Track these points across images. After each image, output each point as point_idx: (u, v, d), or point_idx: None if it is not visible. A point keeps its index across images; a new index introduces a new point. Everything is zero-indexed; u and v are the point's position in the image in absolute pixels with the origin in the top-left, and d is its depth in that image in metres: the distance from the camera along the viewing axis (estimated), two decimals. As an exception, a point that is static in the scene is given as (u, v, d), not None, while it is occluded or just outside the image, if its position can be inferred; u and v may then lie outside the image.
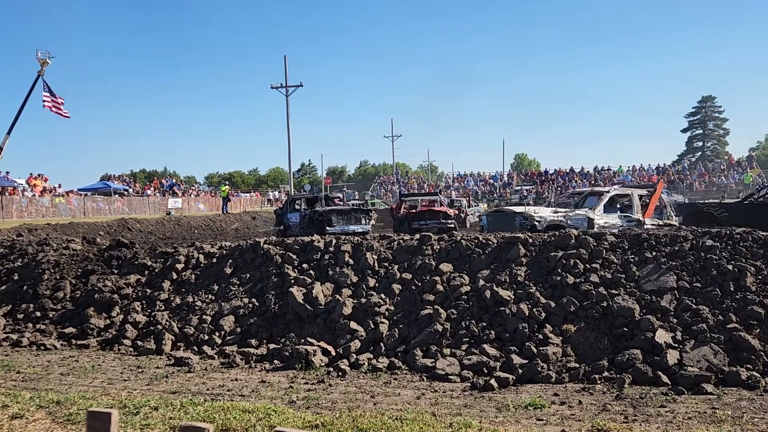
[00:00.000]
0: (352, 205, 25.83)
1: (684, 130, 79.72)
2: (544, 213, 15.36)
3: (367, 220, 20.13)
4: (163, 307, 9.21)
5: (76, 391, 6.28)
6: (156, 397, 6.02)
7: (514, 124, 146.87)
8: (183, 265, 10.10)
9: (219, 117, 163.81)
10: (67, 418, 5.14)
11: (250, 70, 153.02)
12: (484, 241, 9.12)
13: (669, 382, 6.13)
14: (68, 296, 9.83)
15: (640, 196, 15.67)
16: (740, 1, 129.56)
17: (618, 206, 16.00)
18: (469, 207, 29.97)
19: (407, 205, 23.94)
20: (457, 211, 23.15)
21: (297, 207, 22.57)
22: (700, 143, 78.29)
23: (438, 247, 9.23)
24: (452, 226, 19.77)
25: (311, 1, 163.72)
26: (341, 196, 33.67)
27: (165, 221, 29.21)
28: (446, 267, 8.66)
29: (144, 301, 9.44)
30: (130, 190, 43.31)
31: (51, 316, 9.44)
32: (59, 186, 36.01)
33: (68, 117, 21.82)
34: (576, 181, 48.61)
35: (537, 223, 14.07)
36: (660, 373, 6.24)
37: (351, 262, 9.22)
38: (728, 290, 7.35)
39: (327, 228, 18.45)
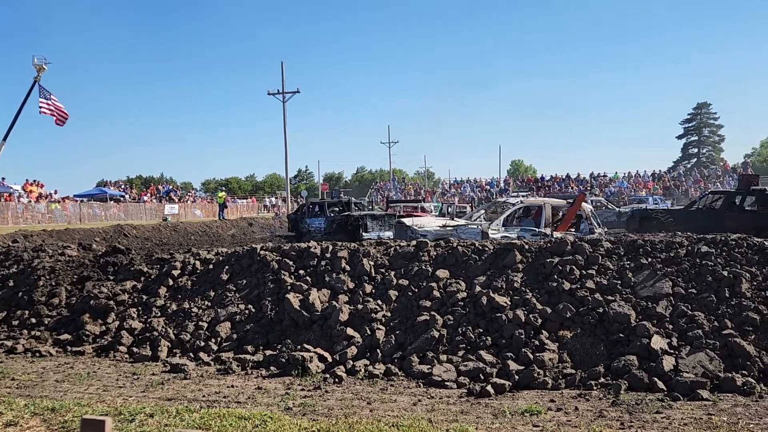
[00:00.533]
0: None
1: (679, 137, 79.97)
2: (431, 226, 15.15)
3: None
4: (159, 314, 9.19)
5: (71, 398, 6.27)
6: (152, 404, 6.01)
7: (510, 130, 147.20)
8: (179, 271, 10.08)
9: (216, 123, 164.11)
10: (61, 426, 5.14)
11: (246, 76, 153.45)
12: (480, 248, 9.13)
13: (665, 388, 6.13)
14: (64, 302, 9.80)
15: (555, 208, 15.11)
16: (736, 8, 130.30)
17: (531, 218, 15.61)
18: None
19: (393, 210, 25.83)
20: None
21: (318, 211, 21.35)
22: (696, 150, 78.46)
23: (434, 253, 9.23)
24: None
25: (307, 7, 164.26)
26: (367, 200, 32.75)
27: (161, 227, 29.17)
28: (443, 273, 8.67)
29: (140, 308, 9.42)
30: (127, 196, 43.27)
31: (46, 322, 9.41)
32: (55, 192, 35.97)
33: (64, 122, 21.69)
34: (572, 187, 48.69)
35: (422, 237, 13.30)
36: (656, 379, 6.24)
37: (348, 268, 9.22)
38: (723, 296, 7.37)
39: (362, 234, 17.44)
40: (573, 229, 14.60)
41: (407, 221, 15.81)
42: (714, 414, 5.45)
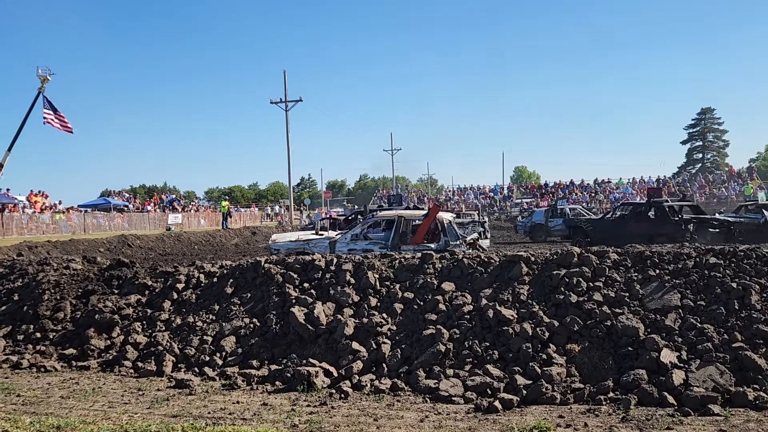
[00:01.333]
0: None
1: (684, 142, 79.86)
2: (284, 240, 15.65)
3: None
4: (163, 328, 9.15)
5: (77, 415, 6.23)
6: (157, 421, 5.97)
7: (514, 137, 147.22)
8: (183, 284, 10.05)
9: (219, 132, 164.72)
10: (66, 446, 5.09)
11: (249, 84, 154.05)
12: (486, 260, 9.08)
13: (675, 403, 6.06)
14: (68, 317, 9.76)
15: (409, 221, 14.97)
16: (738, 13, 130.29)
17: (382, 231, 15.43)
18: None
19: None
20: None
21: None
22: (700, 155, 78.33)
23: (440, 265, 9.18)
24: None
25: (310, 16, 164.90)
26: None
27: (165, 237, 29.18)
28: (448, 286, 8.62)
29: (144, 322, 9.38)
30: (130, 206, 43.33)
31: (51, 337, 9.37)
32: (59, 203, 36.04)
33: (71, 132, 21.74)
34: (576, 194, 48.60)
35: (275, 252, 14.20)
36: (666, 393, 6.17)
37: (352, 281, 9.17)
38: (733, 308, 7.30)
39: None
40: (427, 242, 14.33)
41: (276, 236, 16.78)
42: (726, 429, 5.38)
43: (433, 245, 13.76)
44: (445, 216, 14.65)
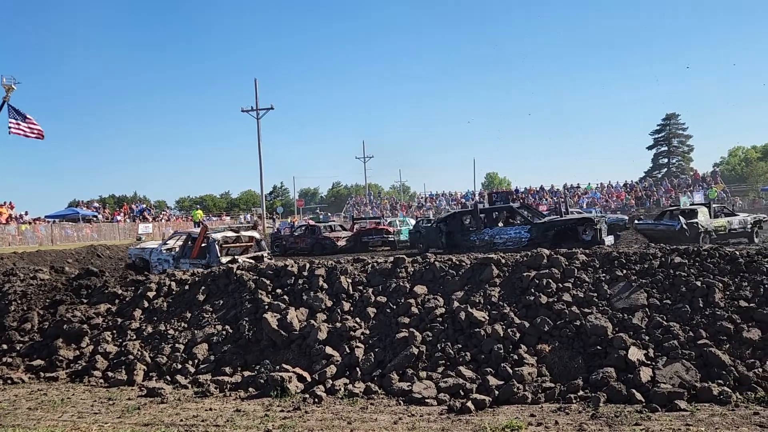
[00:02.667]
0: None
1: (650, 147, 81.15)
2: (135, 247, 19.35)
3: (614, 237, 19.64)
4: (134, 337, 9.05)
5: (45, 426, 6.14)
6: (128, 430, 5.92)
7: (484, 143, 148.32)
8: (154, 292, 9.96)
9: (190, 141, 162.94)
10: (36, 456, 5.02)
11: (220, 93, 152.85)
12: (457, 263, 9.16)
13: (643, 400, 6.18)
14: (36, 327, 9.60)
15: (194, 239, 16.15)
16: (701, 21, 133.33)
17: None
18: None
19: (359, 225, 29.77)
20: (395, 229, 27.83)
21: (469, 223, 18.55)
22: (666, 160, 79.68)
23: (412, 269, 9.24)
24: (392, 239, 26.17)
25: (281, 24, 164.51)
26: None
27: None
28: (421, 289, 8.67)
29: (115, 331, 9.27)
30: (99, 216, 42.66)
31: (18, 348, 9.20)
32: (26, 213, 35.32)
33: (42, 137, 21.35)
34: (546, 199, 49.13)
35: (129, 257, 18.58)
36: (634, 390, 6.29)
37: (325, 286, 9.18)
38: (697, 306, 7.47)
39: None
40: (200, 257, 15.54)
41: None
42: (692, 424, 5.50)
43: (203, 261, 15.12)
44: (214, 236, 15.72)
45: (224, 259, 14.57)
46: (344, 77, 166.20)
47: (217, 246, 15.25)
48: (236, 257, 15.29)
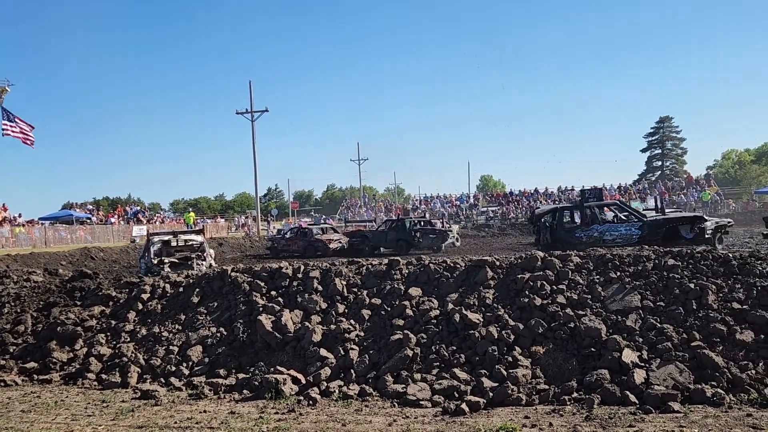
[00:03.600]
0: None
1: (643, 150, 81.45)
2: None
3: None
4: (128, 339, 9.03)
5: (38, 429, 6.13)
6: (122, 432, 5.89)
7: (479, 146, 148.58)
8: (149, 295, 9.94)
9: (184, 143, 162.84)
10: (29, 458, 5.00)
11: (215, 95, 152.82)
12: (452, 265, 9.17)
13: (637, 402, 6.20)
14: (29, 330, 9.57)
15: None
16: (696, 24, 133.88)
17: None
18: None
19: (348, 228, 32.42)
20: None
21: (571, 219, 18.14)
22: (660, 162, 79.95)
23: (407, 271, 9.25)
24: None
25: (276, 26, 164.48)
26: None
27: (130, 249, 28.73)
28: (415, 291, 8.68)
29: (108, 333, 9.25)
30: (93, 218, 42.53)
31: (11, 350, 9.16)
32: (19, 215, 35.19)
33: (32, 145, 21.33)
34: (540, 202, 49.24)
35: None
36: (627, 392, 6.30)
37: (320, 288, 9.18)
38: (691, 308, 7.50)
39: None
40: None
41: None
42: (685, 426, 5.52)
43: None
44: (153, 238, 16.78)
45: (155, 260, 15.91)
46: (339, 80, 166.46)
47: (153, 248, 16.33)
48: (164, 259, 16.12)
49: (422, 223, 28.42)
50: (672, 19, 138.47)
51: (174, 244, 16.57)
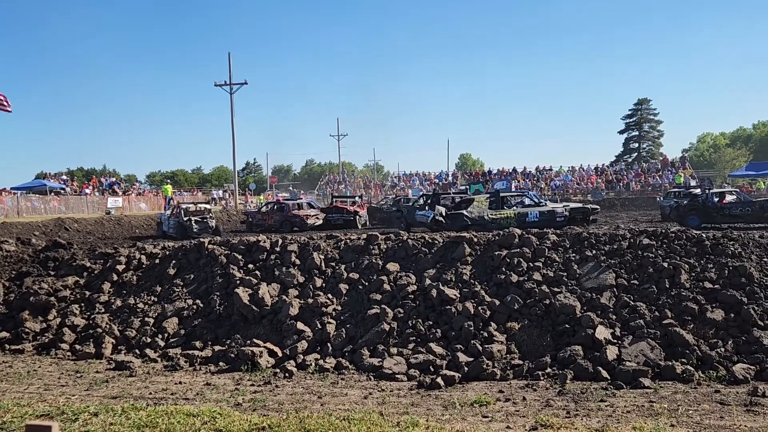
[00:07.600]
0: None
1: (621, 132, 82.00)
2: None
3: None
4: (103, 310, 8.95)
5: (10, 398, 6.05)
6: (96, 402, 5.86)
7: (458, 124, 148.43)
8: (124, 266, 9.83)
9: (161, 114, 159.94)
10: (0, 428, 4.95)
11: (193, 67, 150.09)
12: (430, 241, 9.20)
13: (608, 377, 6.31)
14: (1, 300, 9.43)
15: None
16: (674, 7, 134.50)
17: None
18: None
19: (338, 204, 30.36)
20: (359, 209, 28.14)
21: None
22: (637, 144, 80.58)
23: (385, 246, 9.25)
24: (352, 219, 26.21)
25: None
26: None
27: (104, 221, 28.34)
28: (393, 266, 8.70)
29: (83, 304, 9.16)
30: (67, 189, 41.87)
31: (-17, 320, 9.03)
32: (-9, 184, 34.49)
33: (9, 111, 20.86)
34: (519, 181, 49.51)
35: None
36: (600, 368, 6.42)
37: (298, 262, 9.16)
38: (664, 287, 7.62)
39: None
40: None
41: None
42: (655, 401, 5.63)
43: None
44: (182, 206, 21.97)
45: (185, 218, 20.92)
46: (320, 54, 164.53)
47: (182, 212, 21.70)
48: (191, 217, 21.25)
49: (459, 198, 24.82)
50: (652, 1, 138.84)
51: (193, 209, 22.44)
